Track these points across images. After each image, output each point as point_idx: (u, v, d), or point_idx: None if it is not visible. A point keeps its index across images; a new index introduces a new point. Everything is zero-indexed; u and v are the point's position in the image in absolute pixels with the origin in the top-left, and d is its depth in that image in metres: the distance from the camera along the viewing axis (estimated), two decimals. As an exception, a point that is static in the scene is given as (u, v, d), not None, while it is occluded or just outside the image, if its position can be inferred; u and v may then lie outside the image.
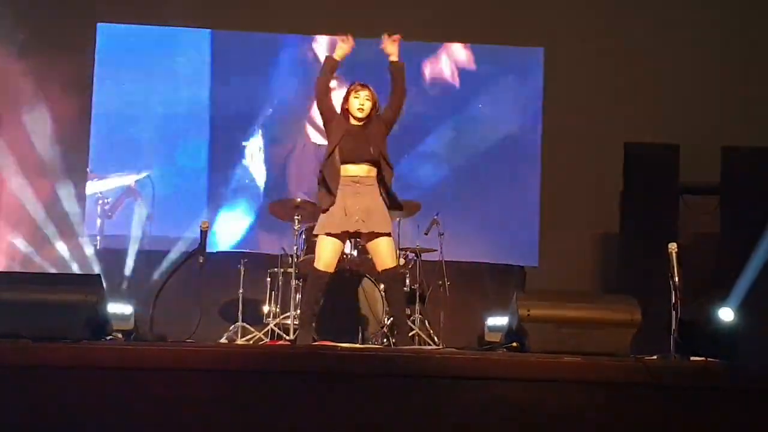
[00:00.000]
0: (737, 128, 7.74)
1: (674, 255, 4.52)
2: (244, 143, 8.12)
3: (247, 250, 7.29)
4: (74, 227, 7.65)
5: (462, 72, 8.29)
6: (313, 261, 6.34)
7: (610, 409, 3.84)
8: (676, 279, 4.45)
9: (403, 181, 7.93)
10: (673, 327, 4.37)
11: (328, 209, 5.14)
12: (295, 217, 6.61)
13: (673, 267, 4.48)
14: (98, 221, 7.47)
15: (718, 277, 7.20)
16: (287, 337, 6.33)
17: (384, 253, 5.17)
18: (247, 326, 6.69)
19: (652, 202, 7.37)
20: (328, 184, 5.14)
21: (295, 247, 6.61)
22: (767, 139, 7.53)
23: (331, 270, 5.21)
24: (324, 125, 5.36)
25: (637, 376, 3.89)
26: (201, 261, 4.72)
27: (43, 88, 7.60)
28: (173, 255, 7.43)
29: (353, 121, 5.24)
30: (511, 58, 8.36)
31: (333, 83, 5.44)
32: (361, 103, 5.21)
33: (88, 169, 7.71)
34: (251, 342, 6.38)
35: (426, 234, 6.90)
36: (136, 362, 3.80)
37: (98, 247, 7.45)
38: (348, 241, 6.49)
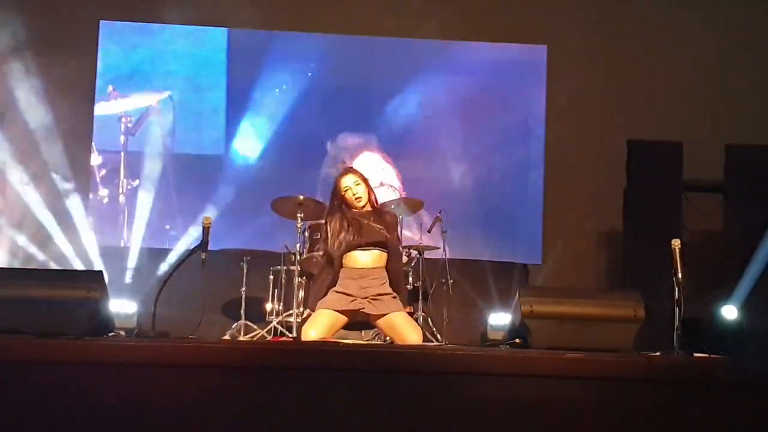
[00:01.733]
0: (741, 126, 7.73)
1: (677, 251, 4.50)
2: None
3: (250, 248, 7.28)
4: (77, 224, 7.66)
5: (465, 70, 8.28)
6: (315, 260, 6.37)
7: (614, 406, 3.81)
8: (680, 275, 4.43)
9: (406, 178, 8.01)
10: (677, 323, 4.35)
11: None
12: (298, 214, 6.60)
13: (676, 263, 4.47)
14: (122, 138, 7.72)
15: (722, 275, 7.21)
16: (290, 335, 6.33)
17: (403, 328, 4.86)
18: (250, 324, 6.69)
19: (656, 200, 7.35)
20: (324, 288, 4.94)
21: (297, 245, 6.60)
22: (772, 136, 7.53)
23: (325, 337, 4.87)
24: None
25: (640, 372, 3.86)
26: (203, 257, 4.71)
27: (46, 85, 7.61)
28: (176, 252, 7.45)
29: (353, 210, 5.04)
30: (514, 55, 8.35)
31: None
32: (354, 193, 5.01)
33: (110, 88, 7.87)
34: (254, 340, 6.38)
35: (429, 231, 6.90)
36: (138, 359, 3.77)
37: (124, 159, 7.70)
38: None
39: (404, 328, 4.88)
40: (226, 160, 8.03)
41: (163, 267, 7.32)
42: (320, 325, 4.86)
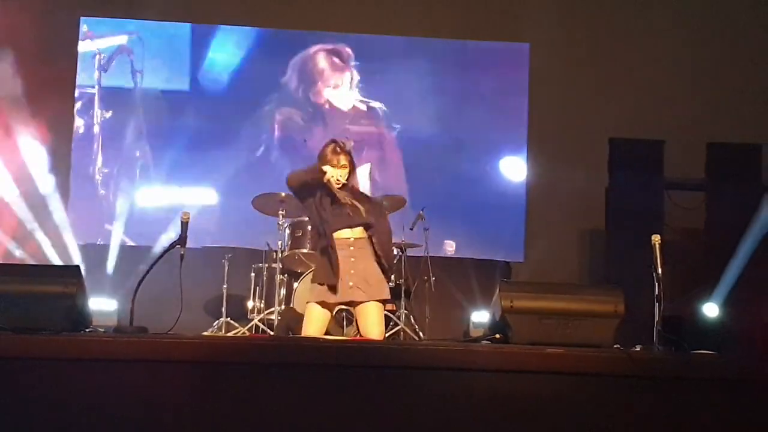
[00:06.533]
0: (722, 124, 7.78)
1: (657, 247, 4.50)
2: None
3: (231, 245, 7.26)
4: (57, 222, 7.61)
5: (448, 68, 8.27)
6: (297, 257, 6.35)
7: (594, 400, 3.82)
8: (660, 271, 4.43)
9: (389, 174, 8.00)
10: (657, 318, 4.35)
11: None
12: (280, 211, 6.58)
13: (656, 259, 4.46)
14: (95, 74, 8.13)
15: (703, 273, 7.23)
16: (271, 333, 6.30)
17: (372, 322, 4.84)
18: (232, 321, 6.67)
19: (638, 198, 7.37)
20: (328, 259, 4.81)
21: (279, 243, 6.58)
22: (752, 134, 7.56)
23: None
24: (301, 201, 5.01)
25: (620, 367, 3.87)
26: (182, 253, 4.68)
27: (26, 82, 7.54)
28: (157, 250, 7.41)
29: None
30: (496, 53, 8.35)
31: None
32: (340, 174, 4.84)
33: (83, 29, 8.12)
34: (235, 338, 6.35)
35: (411, 229, 6.88)
36: (115, 354, 3.75)
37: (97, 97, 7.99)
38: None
39: (371, 321, 4.85)
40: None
41: (144, 264, 7.28)
42: (317, 326, 4.86)
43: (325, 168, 4.81)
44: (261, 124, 8.16)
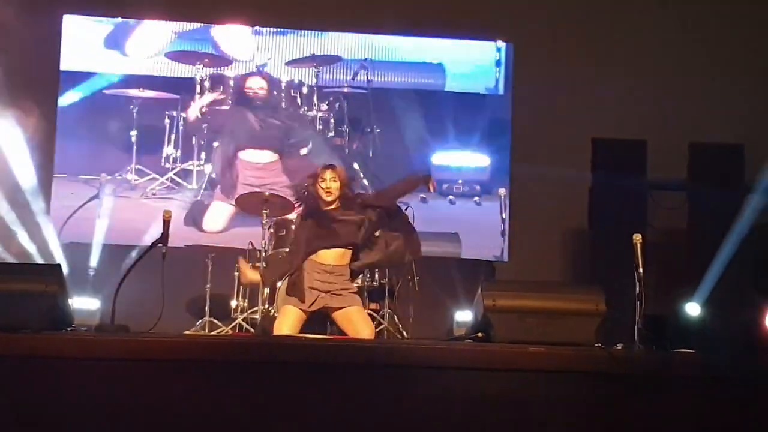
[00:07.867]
0: (704, 124, 7.80)
1: (638, 246, 4.52)
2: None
3: (215, 245, 7.25)
4: (38, 220, 7.57)
5: (430, 67, 8.29)
6: (280, 256, 6.35)
7: (575, 399, 3.84)
8: (641, 270, 4.45)
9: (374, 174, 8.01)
10: (638, 317, 4.37)
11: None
12: (264, 210, 6.57)
13: (638, 258, 4.48)
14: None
15: (686, 273, 7.27)
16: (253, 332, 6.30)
17: (358, 322, 5.04)
18: (215, 321, 6.67)
19: (621, 198, 7.38)
20: (297, 279, 5.05)
21: (263, 242, 6.57)
22: (734, 135, 7.60)
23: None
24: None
25: (601, 365, 3.90)
26: (163, 251, 4.66)
27: (7, 82, 7.49)
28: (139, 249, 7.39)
29: (324, 206, 5.11)
30: (479, 52, 8.36)
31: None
32: (327, 186, 5.06)
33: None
34: (218, 337, 6.33)
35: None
36: (95, 353, 3.75)
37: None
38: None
39: (359, 322, 5.05)
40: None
41: (126, 263, 7.25)
42: (291, 323, 5.00)
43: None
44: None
